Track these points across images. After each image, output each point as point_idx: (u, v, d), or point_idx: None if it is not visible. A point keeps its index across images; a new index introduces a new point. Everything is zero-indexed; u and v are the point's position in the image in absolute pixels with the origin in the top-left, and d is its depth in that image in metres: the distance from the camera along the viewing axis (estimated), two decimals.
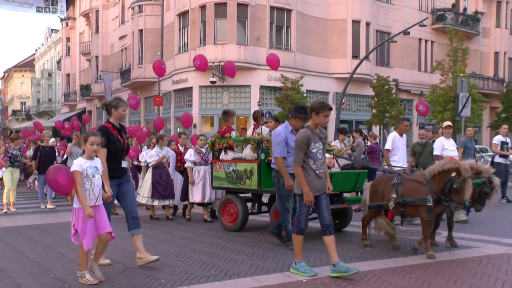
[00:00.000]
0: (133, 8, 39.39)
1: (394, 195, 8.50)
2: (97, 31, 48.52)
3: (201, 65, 17.29)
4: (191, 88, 32.95)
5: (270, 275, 7.09)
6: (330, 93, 35.48)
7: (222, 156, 11.05)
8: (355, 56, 34.88)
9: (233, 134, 11.22)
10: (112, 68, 44.60)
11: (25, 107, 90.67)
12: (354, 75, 29.86)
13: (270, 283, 6.68)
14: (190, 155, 12.18)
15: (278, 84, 30.36)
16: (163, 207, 13.32)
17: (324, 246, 8.98)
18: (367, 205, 9.14)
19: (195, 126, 32.18)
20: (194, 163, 12.15)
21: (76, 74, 59.70)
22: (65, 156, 16.18)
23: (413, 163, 12.77)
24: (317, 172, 7.15)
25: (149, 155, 13.11)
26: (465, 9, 44.73)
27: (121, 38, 44.01)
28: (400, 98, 37.06)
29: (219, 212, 11.14)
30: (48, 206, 15.14)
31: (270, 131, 10.77)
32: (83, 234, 6.55)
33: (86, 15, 52.90)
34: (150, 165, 12.88)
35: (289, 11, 33.11)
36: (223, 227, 10.97)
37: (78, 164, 6.57)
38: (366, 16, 35.75)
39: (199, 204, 12.25)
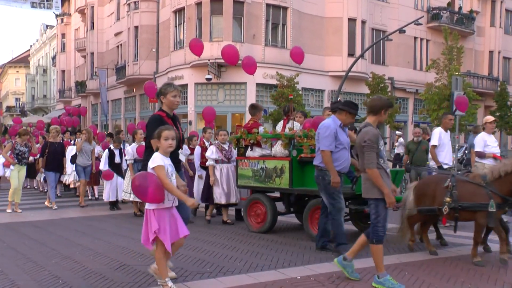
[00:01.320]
0: (128, 4, 39.30)
1: (448, 199, 7.81)
2: (92, 27, 48.38)
3: (196, 48, 15.41)
4: (186, 85, 32.88)
5: (264, 272, 7.11)
6: (325, 91, 35.50)
7: (248, 153, 10.45)
8: (350, 54, 34.91)
9: (261, 129, 10.57)
10: (108, 64, 44.52)
11: (19, 103, 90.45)
12: (350, 73, 29.87)
13: (264, 280, 6.69)
14: (211, 153, 11.32)
15: (274, 81, 30.36)
16: None
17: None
18: (417, 209, 8.37)
19: (190, 123, 32.20)
20: (216, 161, 11.30)
21: (71, 71, 59.58)
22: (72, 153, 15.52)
23: (408, 161, 12.81)
24: (387, 171, 6.70)
25: None
26: (460, 8, 44.82)
27: (116, 34, 43.90)
28: (395, 96, 37.09)
29: (245, 212, 10.51)
30: (53, 207, 14.10)
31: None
32: (164, 236, 5.91)
33: (81, 11, 52.79)
34: None
35: (285, 8, 33.11)
36: (249, 228, 10.37)
37: (160, 159, 5.98)
38: (362, 14, 35.77)
39: (223, 205, 11.54)
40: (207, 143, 12.56)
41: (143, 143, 12.47)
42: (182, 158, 13.24)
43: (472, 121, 33.50)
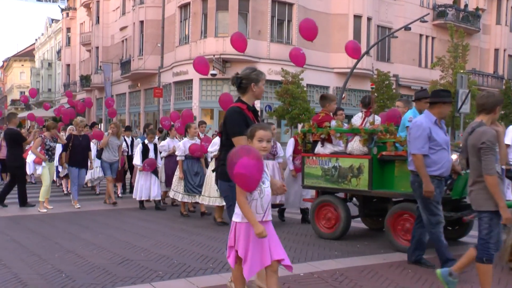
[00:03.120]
0: None
1: None
2: (97, 21, 48.41)
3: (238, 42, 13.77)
4: (191, 80, 32.91)
5: None
6: (330, 87, 35.45)
7: (318, 149, 9.35)
8: None
9: (333, 123, 9.43)
10: (112, 59, 44.52)
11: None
12: (355, 70, 29.80)
13: None
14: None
15: (279, 77, 30.32)
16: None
17: (322, 240, 9.04)
18: None
19: (195, 118, 32.14)
20: None
21: (76, 65, 59.66)
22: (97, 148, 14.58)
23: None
24: (503, 178, 5.95)
25: (212, 144, 11.16)
26: (466, 5, 44.69)
27: (121, 29, 43.93)
28: (400, 93, 37.02)
29: (312, 216, 9.48)
30: (75, 205, 13.10)
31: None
32: (245, 259, 4.95)
33: (86, 6, 52.81)
34: (212, 155, 11.11)
35: (290, 5, 33.05)
36: (318, 233, 9.40)
37: None
38: (368, 11, 35.69)
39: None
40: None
41: (197, 140, 11.99)
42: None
43: None
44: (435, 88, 31.98)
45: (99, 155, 14.26)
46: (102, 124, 42.19)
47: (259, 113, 6.39)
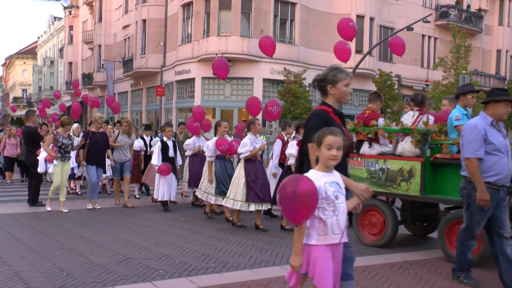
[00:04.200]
0: None
1: None
2: (100, 20, 48.45)
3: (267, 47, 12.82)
4: (193, 79, 32.91)
5: (269, 268, 7.10)
6: None
7: (364, 149, 8.77)
8: (358, 51, 34.75)
9: (381, 121, 8.77)
10: (115, 57, 44.54)
11: (26, 94, 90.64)
12: (357, 70, 29.75)
13: (269, 276, 6.68)
14: (295, 150, 9.77)
15: (281, 77, 30.31)
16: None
17: None
18: None
19: (168, 122, 32.13)
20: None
21: (78, 63, 59.74)
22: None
23: None
24: None
25: (242, 145, 10.28)
26: (468, 6, 44.65)
27: (124, 27, 43.94)
28: (402, 94, 37.00)
29: (355, 222, 8.87)
30: (95, 206, 12.67)
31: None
32: (322, 284, 4.18)
33: (89, 4, 52.93)
34: (242, 157, 10.29)
35: (293, 4, 33.03)
36: (361, 241, 8.76)
37: (313, 178, 4.12)
38: (370, 11, 35.66)
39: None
40: (286, 137, 11.32)
41: (228, 137, 11.37)
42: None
43: None
44: (437, 88, 32.06)
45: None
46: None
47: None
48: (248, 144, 10.07)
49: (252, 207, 9.96)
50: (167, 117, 36.64)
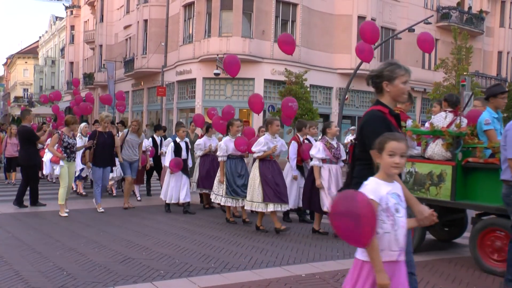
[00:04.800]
0: None
1: None
2: (101, 20, 48.51)
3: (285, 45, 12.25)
4: (194, 79, 32.94)
5: (269, 269, 7.10)
6: (333, 88, 35.43)
7: None
8: None
9: (409, 122, 8.40)
10: (116, 57, 44.56)
11: (27, 94, 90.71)
12: (358, 71, 29.76)
13: (269, 276, 6.68)
14: (318, 151, 9.59)
15: (282, 78, 30.31)
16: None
17: (323, 241, 9.04)
18: None
19: (179, 123, 32.14)
20: (323, 160, 9.57)
21: (80, 63, 59.80)
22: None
23: None
24: None
25: (257, 144, 9.97)
26: (469, 7, 44.66)
27: (125, 27, 43.98)
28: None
29: None
30: (98, 209, 12.13)
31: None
32: None
33: (91, 4, 52.93)
34: (255, 156, 10.06)
35: (295, 5, 33.04)
36: None
37: (373, 188, 3.80)
38: (372, 12, 35.65)
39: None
40: (301, 138, 10.96)
41: (242, 136, 11.02)
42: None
43: None
44: (438, 90, 32.02)
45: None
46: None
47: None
48: (262, 144, 9.79)
49: (271, 207, 9.63)
50: (168, 117, 36.66)
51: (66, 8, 62.87)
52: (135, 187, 14.22)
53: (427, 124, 8.79)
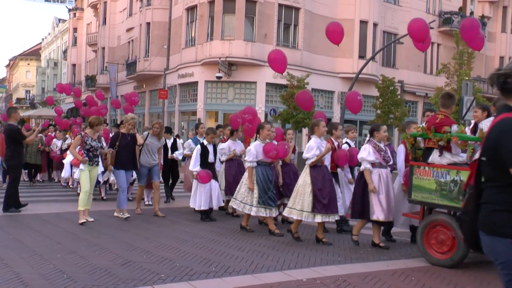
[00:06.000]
0: (141, 0, 39.46)
1: None
2: (104, 22, 48.62)
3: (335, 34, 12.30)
4: (196, 82, 32.96)
5: (270, 273, 7.07)
6: (335, 92, 35.42)
7: (434, 158, 7.97)
8: (361, 56, 34.82)
9: (454, 128, 7.87)
10: (118, 60, 44.63)
11: (29, 96, 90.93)
12: (360, 75, 29.78)
13: (270, 281, 6.66)
14: (368, 153, 8.91)
15: (284, 81, 30.33)
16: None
17: (324, 246, 9.02)
18: None
19: (199, 121, 32.22)
20: (372, 165, 8.93)
21: (82, 65, 59.92)
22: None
23: None
24: None
25: (309, 148, 9.26)
26: (471, 13, 44.69)
27: (128, 30, 44.04)
28: (405, 99, 36.96)
29: (421, 238, 7.99)
30: (124, 215, 11.56)
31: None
32: None
33: (94, 6, 53.07)
34: (308, 162, 9.32)
35: (297, 9, 33.06)
36: (428, 259, 7.92)
37: None
38: (374, 17, 35.67)
39: (381, 222, 8.96)
40: (335, 142, 10.26)
41: (274, 141, 10.38)
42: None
43: None
44: (441, 95, 31.97)
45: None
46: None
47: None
48: (314, 148, 9.12)
49: (319, 218, 9.01)
50: (170, 120, 36.67)
51: (69, 10, 63.06)
52: (145, 191, 13.56)
53: (467, 129, 8.50)
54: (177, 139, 15.27)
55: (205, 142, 11.51)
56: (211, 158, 11.44)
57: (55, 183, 19.40)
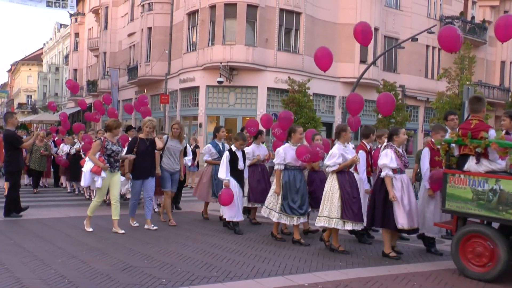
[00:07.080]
0: (142, 5, 39.47)
1: None
2: (106, 27, 48.71)
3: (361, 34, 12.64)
4: (198, 87, 33.00)
5: (272, 278, 7.06)
6: (336, 97, 35.43)
7: (470, 165, 7.46)
8: (362, 61, 34.84)
9: (492, 133, 7.37)
10: (120, 64, 44.69)
11: (31, 101, 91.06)
12: (361, 80, 29.79)
13: (271, 286, 6.64)
14: (391, 160, 8.45)
15: (285, 86, 30.35)
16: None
17: (326, 251, 9.00)
18: None
19: (200, 125, 32.24)
20: (394, 171, 8.49)
21: (83, 70, 60.03)
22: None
23: (418, 170, 12.61)
24: None
25: (331, 155, 8.90)
26: (472, 17, 44.74)
27: (129, 35, 44.12)
28: (406, 104, 37.03)
29: (456, 249, 7.50)
30: (133, 223, 11.10)
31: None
32: None
33: (95, 11, 53.23)
34: (328, 170, 8.97)
35: (298, 14, 33.08)
36: (464, 272, 7.44)
37: None
38: (375, 22, 35.68)
39: (404, 230, 8.52)
40: (368, 146, 9.99)
41: (305, 143, 10.03)
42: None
43: None
44: (441, 99, 32.00)
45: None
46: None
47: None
48: (336, 156, 8.75)
49: (349, 226, 8.60)
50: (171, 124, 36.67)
51: (71, 15, 63.12)
52: (153, 198, 12.52)
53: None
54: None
55: (234, 148, 10.64)
56: (240, 165, 10.61)
57: (63, 188, 19.03)
